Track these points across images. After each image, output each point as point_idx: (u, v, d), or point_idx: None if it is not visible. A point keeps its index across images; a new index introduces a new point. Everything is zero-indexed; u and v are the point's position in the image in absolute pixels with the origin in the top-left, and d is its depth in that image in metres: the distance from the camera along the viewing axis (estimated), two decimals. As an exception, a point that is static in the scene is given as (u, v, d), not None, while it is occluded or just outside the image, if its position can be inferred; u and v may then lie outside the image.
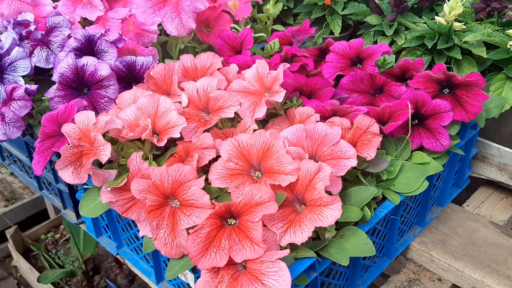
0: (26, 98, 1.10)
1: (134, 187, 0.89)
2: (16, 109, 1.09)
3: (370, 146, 0.98)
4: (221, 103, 1.05)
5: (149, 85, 1.19)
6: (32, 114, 1.16)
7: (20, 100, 1.10)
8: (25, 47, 1.29)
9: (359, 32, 1.53)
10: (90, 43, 1.23)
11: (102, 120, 0.98)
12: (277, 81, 1.06)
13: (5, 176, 3.22)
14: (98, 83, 1.14)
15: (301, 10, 1.62)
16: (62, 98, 1.14)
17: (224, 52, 1.37)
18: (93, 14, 1.41)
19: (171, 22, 1.28)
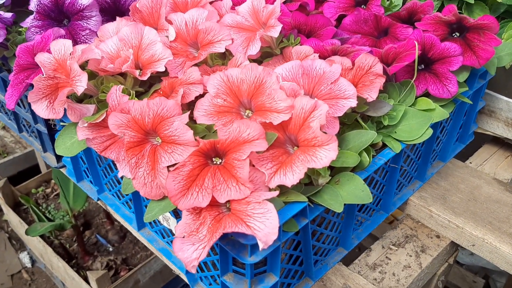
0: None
1: (111, 121, 0.81)
2: (-13, 38, 1.00)
3: (372, 87, 0.89)
4: (211, 37, 0.96)
5: (135, 19, 1.09)
6: (6, 45, 1.07)
7: (-8, 27, 1.01)
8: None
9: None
10: None
11: (79, 49, 0.89)
12: (274, 15, 0.97)
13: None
14: (79, 13, 1.04)
15: (303, -50, 1.50)
16: (39, 29, 1.05)
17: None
18: None
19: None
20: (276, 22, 0.95)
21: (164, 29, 1.04)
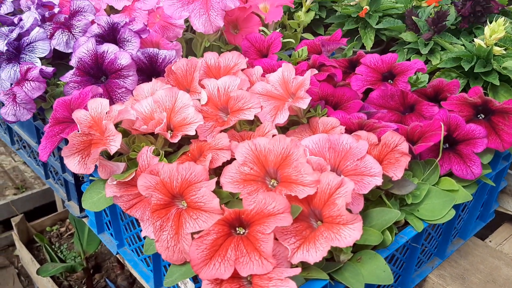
0: (40, 79, 1.06)
1: (141, 182, 0.83)
2: (28, 90, 1.05)
3: (397, 166, 0.90)
4: (241, 104, 0.99)
5: (169, 80, 1.13)
6: (45, 97, 1.11)
7: (34, 81, 1.05)
8: (46, 29, 1.24)
9: (392, 48, 1.46)
10: (114, 31, 1.19)
11: (115, 109, 0.92)
12: (303, 87, 0.99)
13: (18, 164, 3.20)
14: (117, 72, 1.09)
15: (333, 20, 1.56)
16: (78, 84, 1.09)
17: (250, 54, 1.31)
18: (120, 2, 1.37)
19: (198, 18, 1.23)
20: (305, 95, 0.97)
21: (197, 91, 1.08)
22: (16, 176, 3.12)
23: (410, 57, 1.39)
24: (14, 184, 3.05)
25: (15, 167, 3.19)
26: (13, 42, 1.18)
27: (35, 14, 1.24)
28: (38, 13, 1.26)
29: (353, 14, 1.51)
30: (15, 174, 3.14)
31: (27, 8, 1.39)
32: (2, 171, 3.15)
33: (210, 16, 1.23)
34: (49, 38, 1.21)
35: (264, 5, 1.41)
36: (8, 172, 3.14)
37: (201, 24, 1.23)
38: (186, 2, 1.25)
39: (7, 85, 1.15)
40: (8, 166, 3.19)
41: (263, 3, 1.42)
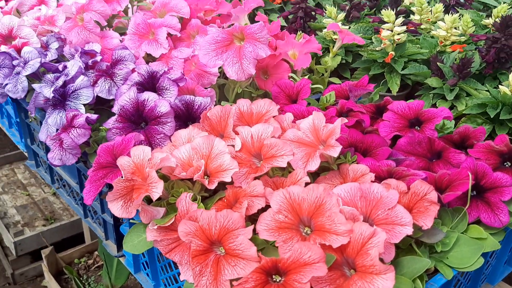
0: (86, 126, 1.13)
1: (181, 228, 0.87)
2: (75, 136, 1.12)
3: (427, 215, 0.93)
4: (274, 151, 1.04)
5: (204, 125, 1.19)
6: (89, 142, 1.18)
7: (80, 128, 1.12)
8: (89, 77, 1.33)
9: (417, 93, 1.50)
10: (153, 79, 1.26)
11: (157, 157, 0.98)
12: (334, 135, 1.04)
13: (48, 196, 3.29)
14: (156, 119, 1.15)
15: (359, 65, 1.62)
16: (120, 130, 1.16)
17: (279, 99, 1.37)
18: (157, 51, 1.45)
19: (231, 66, 1.30)
20: (336, 143, 1.02)
21: (231, 137, 1.13)
22: (46, 208, 3.21)
23: (435, 102, 1.42)
24: (43, 215, 3.13)
25: (45, 198, 3.29)
26: (59, 89, 1.26)
27: (79, 63, 1.32)
28: (81, 61, 1.34)
29: (379, 59, 1.56)
30: (44, 205, 3.23)
31: (70, 55, 1.48)
32: (32, 202, 3.25)
33: (243, 65, 1.30)
34: (92, 85, 1.29)
35: (293, 52, 1.48)
36: (38, 203, 3.24)
37: (234, 72, 1.30)
38: (220, 52, 1.32)
39: (53, 130, 1.22)
40: (38, 198, 3.29)
41: (292, 50, 1.48)
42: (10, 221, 3.01)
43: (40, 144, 1.55)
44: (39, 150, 1.56)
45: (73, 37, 1.53)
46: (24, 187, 3.37)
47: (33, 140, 1.59)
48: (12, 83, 1.37)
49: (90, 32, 1.52)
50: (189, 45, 1.50)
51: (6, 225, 2.92)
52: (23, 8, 2.04)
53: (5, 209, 3.12)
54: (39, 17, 1.85)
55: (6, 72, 1.42)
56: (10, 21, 1.69)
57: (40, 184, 3.39)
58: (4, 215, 3.05)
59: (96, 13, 1.55)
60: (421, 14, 1.79)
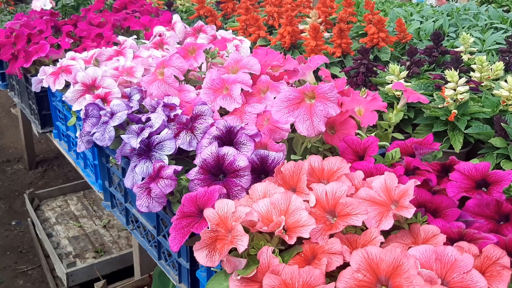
0: (173, 177, 1.23)
1: (266, 281, 0.94)
2: (163, 187, 1.22)
3: (500, 279, 0.96)
4: (349, 210, 1.10)
5: (277, 179, 1.27)
6: (172, 191, 1.27)
7: (168, 178, 1.23)
8: (171, 129, 1.44)
9: (480, 151, 1.53)
10: (230, 133, 1.36)
11: (241, 211, 1.06)
12: (407, 197, 1.09)
13: (98, 228, 3.43)
14: (235, 172, 1.24)
15: (421, 121, 1.67)
16: (201, 181, 1.25)
17: (346, 155, 1.43)
18: (231, 105, 1.56)
19: (302, 123, 1.38)
20: (409, 205, 1.07)
21: (304, 192, 1.20)
22: (96, 240, 3.34)
23: (500, 162, 1.45)
24: (94, 247, 3.26)
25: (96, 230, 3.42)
26: (144, 140, 1.38)
27: (162, 116, 1.44)
28: (164, 114, 1.47)
29: (442, 117, 1.61)
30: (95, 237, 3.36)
31: (150, 107, 1.61)
32: (84, 234, 3.39)
33: (313, 122, 1.38)
34: (174, 137, 1.40)
35: (359, 109, 1.55)
36: (89, 235, 3.38)
37: (305, 128, 1.38)
38: (292, 109, 1.41)
39: (139, 178, 1.33)
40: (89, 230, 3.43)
41: (358, 107, 1.55)
42: (62, 252, 3.15)
43: (118, 187, 1.67)
44: (116, 192, 1.68)
45: (153, 90, 1.67)
46: (76, 219, 3.52)
47: (111, 183, 1.72)
48: (99, 132, 1.50)
49: (169, 86, 1.65)
50: (260, 100, 1.60)
51: (59, 256, 3.05)
52: (102, 58, 2.23)
53: (58, 239, 3.27)
54: (117, 67, 2.02)
55: (94, 121, 1.56)
56: (94, 72, 1.85)
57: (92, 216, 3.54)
58: (57, 246, 3.19)
59: (175, 68, 1.68)
60: (482, 72, 1.84)
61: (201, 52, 1.76)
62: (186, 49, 1.82)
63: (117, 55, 2.19)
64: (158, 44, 2.34)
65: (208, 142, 1.35)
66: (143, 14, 2.88)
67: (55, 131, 2.40)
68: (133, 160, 1.39)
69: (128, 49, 2.19)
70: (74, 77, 1.86)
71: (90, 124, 1.55)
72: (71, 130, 2.17)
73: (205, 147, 1.34)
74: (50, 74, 1.99)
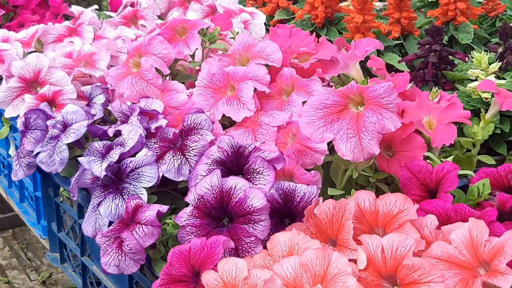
0: (155, 223, 1.24)
1: None
2: (140, 237, 1.23)
3: None
4: (417, 276, 1.10)
5: (309, 226, 1.28)
6: (155, 243, 1.28)
7: (148, 225, 1.24)
8: (151, 148, 1.46)
9: None
10: (239, 156, 1.37)
11: (257, 277, 1.06)
12: (502, 257, 1.09)
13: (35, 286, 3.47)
14: (246, 215, 1.25)
15: (522, 138, 1.67)
16: (196, 229, 1.26)
17: (410, 189, 1.43)
18: (239, 113, 1.57)
19: (345, 141, 1.39)
20: (507, 269, 1.07)
21: (348, 247, 1.20)
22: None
23: None
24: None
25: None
26: (113, 166, 1.39)
27: (139, 129, 1.46)
28: (141, 126, 1.48)
29: (553, 133, 1.61)
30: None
31: (120, 114, 1.63)
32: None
33: (362, 140, 1.38)
34: (156, 160, 1.41)
35: (428, 119, 1.55)
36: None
37: (349, 149, 1.39)
38: (330, 120, 1.42)
39: (104, 222, 1.35)
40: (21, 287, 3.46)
41: (427, 117, 1.56)
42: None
43: (71, 232, 1.68)
44: (69, 240, 1.69)
45: (125, 89, 1.69)
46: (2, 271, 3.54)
47: (61, 226, 1.73)
48: (46, 152, 1.52)
49: (148, 83, 1.68)
50: (282, 106, 1.61)
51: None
52: (47, 39, 2.27)
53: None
54: (71, 53, 2.05)
55: (38, 135, 1.58)
56: (38, 61, 1.89)
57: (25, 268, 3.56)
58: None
59: (157, 57, 1.70)
60: None
61: (194, 33, 1.78)
62: (173, 28, 1.84)
63: (70, 35, 2.23)
64: (129, 18, 2.38)
65: (207, 169, 1.36)
66: (107, -27, 2.92)
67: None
68: (95, 195, 1.41)
69: (87, 25, 2.22)
70: (7, 68, 1.89)
71: (33, 139, 1.57)
72: (2, 146, 2.19)
73: (201, 177, 1.34)
74: (-29, 63, 2.03)
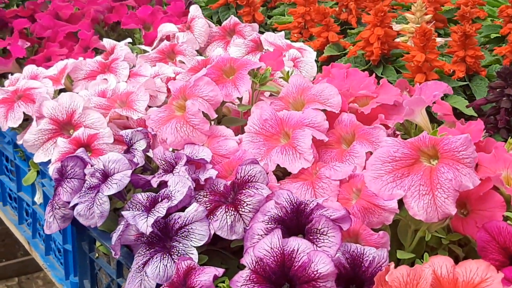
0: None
1: None
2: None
3: None
4: None
5: (379, 295, 1.27)
6: (207, 311, 1.29)
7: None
8: (201, 202, 1.47)
9: None
10: (299, 214, 1.37)
11: None
12: None
13: None
14: (310, 281, 1.25)
15: None
16: (254, 296, 1.26)
17: (489, 253, 1.42)
18: (295, 164, 1.58)
19: (418, 199, 1.39)
20: None
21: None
22: None
23: None
24: None
25: None
26: (160, 221, 1.41)
27: (188, 181, 1.47)
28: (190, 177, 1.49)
29: None
30: None
31: (162, 161, 1.65)
32: None
33: (436, 198, 1.38)
34: (207, 216, 1.42)
35: (507, 174, 1.55)
36: None
37: (422, 208, 1.38)
38: (400, 175, 1.42)
39: (151, 285, 1.35)
40: None
41: (505, 171, 1.55)
42: None
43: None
44: (105, 302, 1.71)
45: (168, 134, 1.71)
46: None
47: (96, 284, 1.74)
48: (85, 204, 1.54)
49: (194, 129, 1.69)
50: (342, 156, 1.62)
51: None
52: (78, 75, 2.32)
53: None
54: (104, 91, 2.08)
55: (75, 185, 1.60)
56: (71, 102, 1.93)
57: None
58: None
59: (203, 100, 1.73)
60: None
61: (244, 74, 1.80)
62: (220, 68, 1.87)
63: (103, 72, 2.27)
64: (166, 53, 2.42)
65: (264, 228, 1.36)
66: (139, 1, 2.98)
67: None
68: (140, 253, 1.42)
69: (121, 61, 2.26)
70: (38, 108, 1.93)
71: (69, 189, 1.59)
72: (27, 192, 2.22)
73: (259, 237, 1.35)
74: (0, 103, 2.07)
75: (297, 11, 2.80)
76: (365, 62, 2.41)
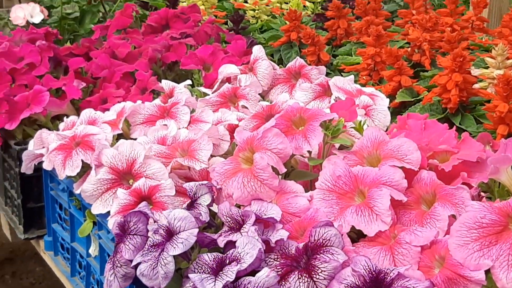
0: None
1: None
2: None
3: None
4: None
5: None
6: None
7: None
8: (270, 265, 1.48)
9: None
10: (378, 283, 1.38)
11: None
12: None
13: None
14: None
15: None
16: None
17: None
18: (371, 225, 1.58)
19: (507, 270, 1.38)
20: None
21: None
22: None
23: None
24: None
25: None
26: (229, 286, 1.42)
27: (257, 242, 1.49)
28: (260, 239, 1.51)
29: None
30: None
31: (228, 218, 1.67)
32: None
33: (531, 271, 1.37)
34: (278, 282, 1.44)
35: None
36: None
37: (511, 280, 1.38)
38: (487, 243, 1.41)
39: None
40: None
41: None
42: None
43: None
44: None
45: (234, 189, 1.73)
46: None
47: None
48: (148, 263, 1.56)
49: (263, 184, 1.71)
50: (421, 218, 1.61)
51: None
52: (135, 119, 2.35)
53: None
54: (164, 138, 2.11)
55: (138, 242, 1.63)
56: (132, 150, 1.96)
57: None
58: None
59: (272, 153, 1.75)
60: None
61: (316, 125, 1.81)
62: (289, 118, 1.89)
63: (162, 116, 2.30)
64: (228, 97, 2.44)
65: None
66: (198, 39, 3.02)
67: (49, 238, 2.50)
68: (208, 322, 1.43)
69: (182, 106, 2.29)
70: (97, 156, 1.97)
71: (132, 247, 1.61)
72: (81, 243, 2.26)
73: (335, 308, 1.36)
74: (57, 150, 2.10)
75: (366, 51, 2.80)
76: (441, 110, 2.40)
